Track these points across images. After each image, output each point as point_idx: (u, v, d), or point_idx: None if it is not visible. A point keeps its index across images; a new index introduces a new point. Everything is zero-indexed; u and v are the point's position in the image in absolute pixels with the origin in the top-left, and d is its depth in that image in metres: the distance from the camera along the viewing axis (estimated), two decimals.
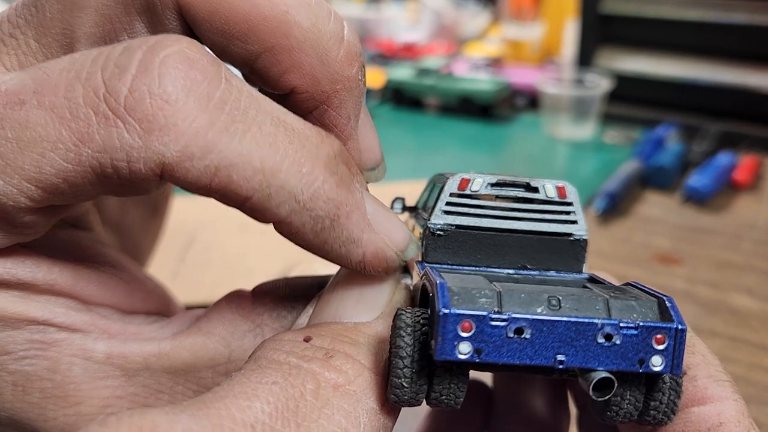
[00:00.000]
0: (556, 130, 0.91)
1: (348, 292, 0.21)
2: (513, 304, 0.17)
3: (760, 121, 0.85)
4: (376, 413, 0.18)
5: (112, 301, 0.22)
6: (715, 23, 0.87)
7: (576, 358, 0.17)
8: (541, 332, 0.17)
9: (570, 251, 0.23)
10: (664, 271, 0.57)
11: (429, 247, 0.22)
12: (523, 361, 0.17)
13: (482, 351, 0.16)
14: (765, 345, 0.47)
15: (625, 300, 0.18)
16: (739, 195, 0.73)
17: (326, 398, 0.17)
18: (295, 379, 0.17)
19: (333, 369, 0.17)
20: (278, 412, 0.16)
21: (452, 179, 0.22)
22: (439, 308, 0.16)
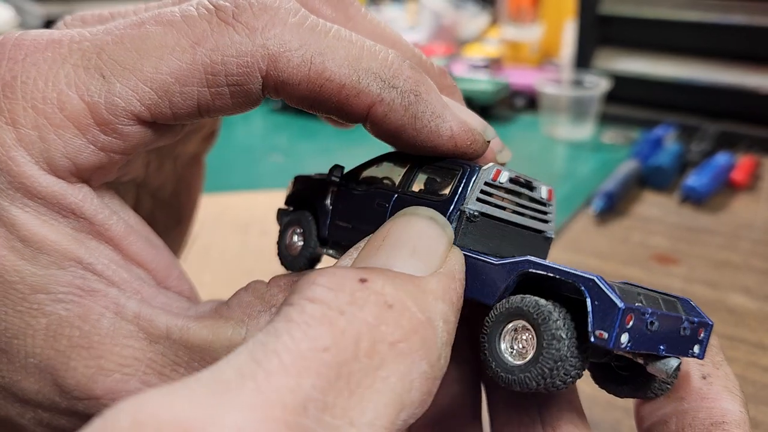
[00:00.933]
0: (554, 130, 0.91)
1: (402, 241, 0.20)
2: (640, 302, 0.19)
3: (758, 122, 0.86)
4: (426, 378, 0.17)
5: (152, 266, 0.23)
6: (713, 24, 0.87)
7: (669, 347, 0.20)
8: (661, 325, 0.19)
9: (541, 246, 0.25)
10: (662, 270, 0.57)
11: (459, 230, 0.22)
12: (649, 349, 0.19)
13: (631, 341, 0.18)
14: (762, 344, 0.47)
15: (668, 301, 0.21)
16: (736, 195, 0.73)
17: (382, 358, 0.16)
18: (348, 338, 0.16)
19: (390, 322, 0.16)
20: (330, 384, 0.15)
21: (486, 169, 0.23)
22: (618, 303, 0.18)
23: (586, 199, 0.70)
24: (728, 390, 0.21)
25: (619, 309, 0.18)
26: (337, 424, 0.14)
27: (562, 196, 0.71)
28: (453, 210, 0.22)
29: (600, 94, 0.88)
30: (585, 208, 0.69)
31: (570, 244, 0.62)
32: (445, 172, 0.23)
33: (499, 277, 0.20)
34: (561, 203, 0.70)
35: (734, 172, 0.74)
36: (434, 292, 0.18)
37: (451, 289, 0.19)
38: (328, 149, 0.85)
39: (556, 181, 0.76)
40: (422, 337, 0.17)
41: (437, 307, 0.18)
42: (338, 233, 0.25)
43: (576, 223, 0.66)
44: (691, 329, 0.20)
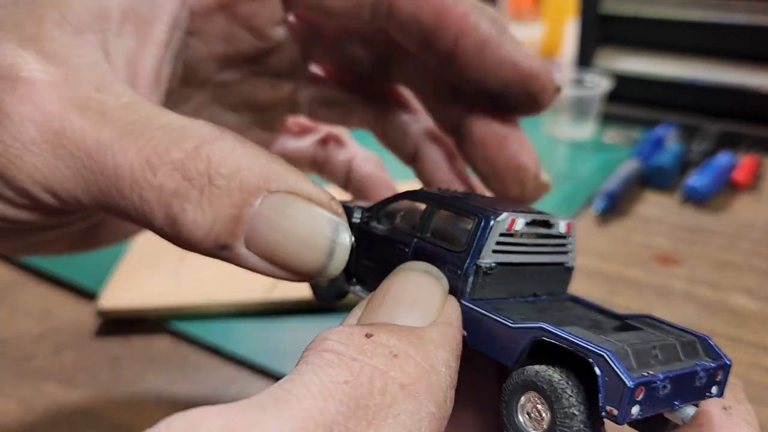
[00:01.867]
0: (555, 129, 0.91)
1: (400, 296, 0.21)
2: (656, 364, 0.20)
3: (759, 121, 0.85)
4: (434, 418, 0.18)
5: None
6: (714, 23, 0.87)
7: (683, 399, 0.20)
8: (674, 386, 0.19)
9: (562, 277, 0.26)
10: (663, 271, 0.57)
11: (477, 284, 0.23)
12: (662, 409, 0.20)
13: (642, 410, 0.19)
14: (764, 345, 0.47)
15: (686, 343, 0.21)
16: (738, 195, 0.73)
17: (393, 397, 0.17)
18: (363, 376, 0.17)
19: (397, 368, 0.18)
20: (351, 412, 0.17)
21: (501, 220, 0.23)
22: (627, 382, 0.18)
23: (587, 199, 0.70)
24: (747, 423, 0.21)
25: (628, 387, 0.18)
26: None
27: (563, 196, 0.71)
28: (469, 264, 0.23)
29: (601, 94, 0.88)
30: (586, 207, 0.69)
31: None
32: (462, 218, 0.23)
33: (514, 340, 0.21)
34: (562, 203, 0.69)
35: (736, 172, 0.74)
36: (434, 341, 0.20)
37: (449, 336, 0.20)
38: None
39: (558, 181, 0.75)
40: (428, 382, 0.18)
41: (438, 354, 0.19)
42: (364, 271, 0.26)
43: (577, 223, 0.66)
44: (707, 376, 0.21)
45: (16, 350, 0.48)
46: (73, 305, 0.54)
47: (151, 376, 0.46)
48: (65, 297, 0.55)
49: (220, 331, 0.49)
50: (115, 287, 0.51)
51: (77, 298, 0.54)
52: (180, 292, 0.51)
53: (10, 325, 0.51)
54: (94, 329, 0.51)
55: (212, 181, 0.20)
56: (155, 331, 0.50)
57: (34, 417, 0.42)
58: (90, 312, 0.52)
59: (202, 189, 0.20)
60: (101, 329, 0.51)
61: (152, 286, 0.51)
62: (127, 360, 0.47)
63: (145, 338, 0.49)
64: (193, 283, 0.52)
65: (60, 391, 0.44)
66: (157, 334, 0.50)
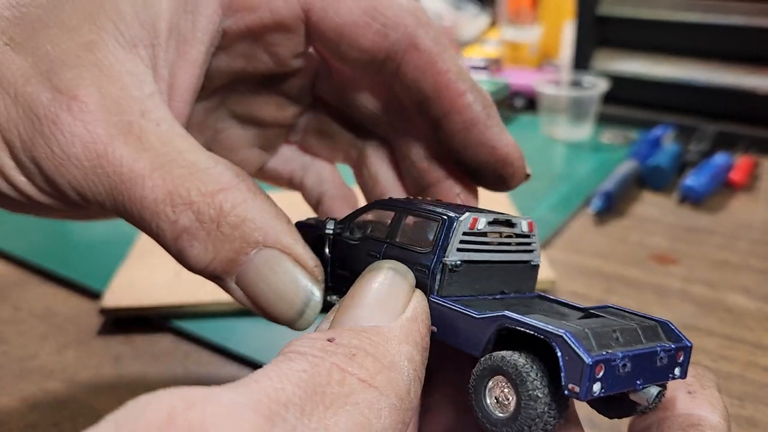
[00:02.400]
0: (553, 130, 0.92)
1: (367, 297, 0.22)
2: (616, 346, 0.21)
3: (756, 122, 0.86)
4: (396, 408, 0.19)
5: None
6: (711, 25, 0.88)
7: (646, 379, 0.21)
8: (634, 365, 0.20)
9: (528, 275, 0.27)
10: (660, 270, 0.57)
11: (444, 282, 0.24)
12: (624, 388, 0.21)
13: (604, 388, 0.20)
14: (761, 344, 0.47)
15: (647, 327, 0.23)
16: (735, 195, 0.73)
17: (351, 388, 0.18)
18: (322, 368, 0.18)
19: (356, 365, 0.19)
20: (308, 396, 0.17)
21: (464, 219, 0.24)
22: (585, 359, 0.19)
23: (585, 199, 0.70)
24: (711, 404, 0.22)
25: (586, 364, 0.19)
26: (314, 426, 0.17)
27: (560, 196, 0.72)
28: (436, 262, 0.24)
29: (599, 95, 0.88)
30: (584, 208, 0.69)
31: (569, 244, 0.62)
32: (427, 222, 0.25)
33: (480, 330, 0.22)
34: (560, 203, 0.70)
35: (732, 172, 0.75)
36: (397, 337, 0.20)
37: (414, 331, 0.21)
38: None
39: (555, 181, 0.76)
40: (387, 377, 0.19)
41: (401, 349, 0.20)
42: (340, 281, 0.27)
43: (575, 222, 0.67)
44: (668, 357, 0.22)
45: (19, 349, 0.49)
46: (76, 304, 0.54)
47: (154, 374, 0.46)
48: (68, 296, 0.55)
49: (223, 330, 0.49)
50: (118, 286, 0.52)
51: (80, 297, 0.55)
52: (182, 291, 0.51)
53: (14, 323, 0.52)
54: (96, 328, 0.51)
55: (219, 227, 0.24)
56: (158, 329, 0.50)
57: (38, 415, 0.42)
58: (93, 311, 0.52)
59: (210, 231, 0.24)
60: (104, 328, 0.51)
61: (155, 284, 0.52)
62: (129, 358, 0.48)
63: (148, 337, 0.50)
64: (195, 282, 0.52)
65: (63, 390, 0.45)
66: (160, 332, 0.50)
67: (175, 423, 0.15)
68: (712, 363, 0.45)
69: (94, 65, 0.24)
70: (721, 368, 0.45)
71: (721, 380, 0.43)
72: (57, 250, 0.61)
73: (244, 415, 0.16)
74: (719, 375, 0.44)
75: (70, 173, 0.24)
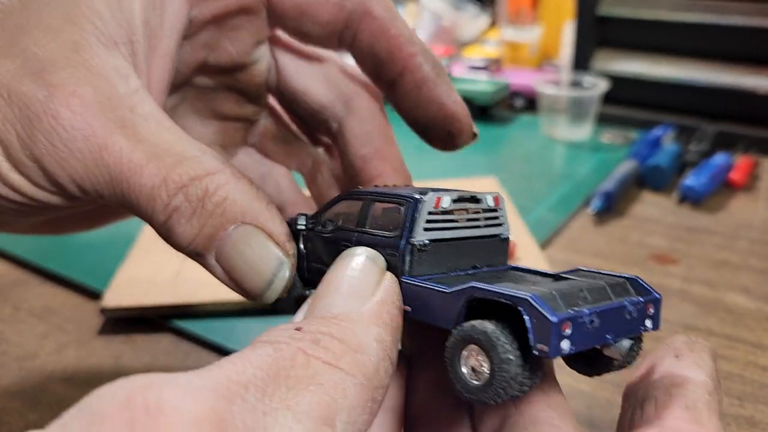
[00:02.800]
0: (553, 130, 0.92)
1: (337, 284, 0.22)
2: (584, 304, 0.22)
3: (755, 122, 0.86)
4: (363, 387, 0.19)
5: None
6: (711, 25, 0.88)
7: (616, 333, 0.22)
8: (602, 320, 0.21)
9: (499, 248, 0.28)
10: (660, 270, 0.57)
11: (414, 262, 0.25)
12: (595, 344, 0.21)
13: (574, 345, 0.20)
14: (761, 343, 0.47)
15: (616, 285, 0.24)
16: (735, 195, 0.73)
17: (316, 370, 0.18)
18: (286, 353, 0.18)
19: (321, 350, 0.19)
20: (270, 378, 0.17)
21: (427, 199, 0.25)
22: (550, 318, 0.20)
23: (585, 199, 0.70)
24: (697, 365, 0.23)
25: (552, 323, 0.20)
26: (275, 407, 0.17)
27: (560, 196, 0.72)
28: (405, 244, 0.25)
29: (598, 95, 0.88)
30: (583, 208, 0.69)
31: (568, 244, 0.62)
32: (394, 207, 0.26)
33: (451, 304, 0.23)
34: (559, 203, 0.70)
35: (732, 172, 0.75)
36: (366, 320, 0.21)
37: (383, 312, 0.22)
38: None
39: (555, 181, 0.76)
40: (353, 358, 0.19)
41: (370, 331, 0.20)
42: (316, 275, 0.27)
43: (574, 222, 0.67)
44: (637, 310, 0.23)
45: (19, 349, 0.49)
46: (76, 304, 0.54)
47: None
48: (68, 296, 0.55)
49: (223, 330, 0.49)
50: (118, 286, 0.52)
51: (80, 297, 0.55)
52: (182, 291, 0.51)
53: (14, 323, 0.52)
54: (97, 328, 0.51)
55: (204, 205, 0.26)
56: (158, 329, 0.50)
57: (38, 415, 0.42)
58: (93, 311, 0.52)
59: (195, 210, 0.26)
60: (104, 328, 0.51)
61: (155, 284, 0.52)
62: (129, 358, 0.48)
63: (148, 337, 0.50)
64: (195, 282, 0.52)
65: (63, 389, 0.45)
66: (160, 332, 0.50)
67: (132, 406, 0.15)
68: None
69: (82, 65, 0.25)
70: (721, 368, 0.45)
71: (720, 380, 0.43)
72: (57, 250, 0.61)
73: (201, 395, 0.16)
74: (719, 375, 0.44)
75: (71, 166, 0.25)
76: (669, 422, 0.20)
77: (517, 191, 0.71)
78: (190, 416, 0.15)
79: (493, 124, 0.98)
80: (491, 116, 1.00)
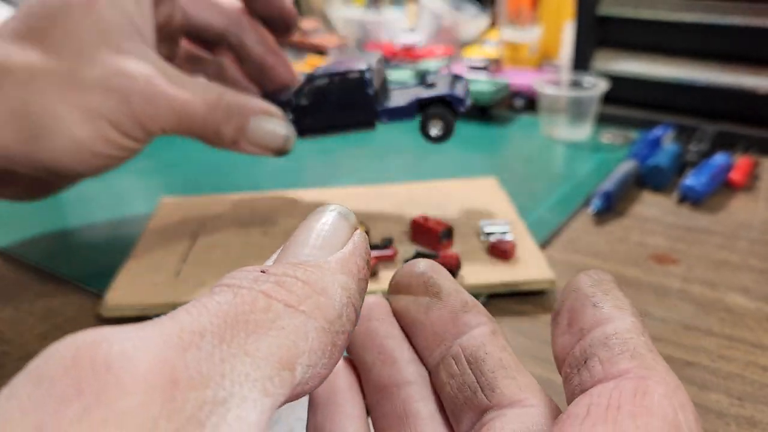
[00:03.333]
0: (553, 130, 0.92)
1: (307, 237, 0.22)
2: None
3: (755, 122, 0.86)
4: (325, 331, 0.19)
5: None
6: (711, 25, 0.88)
7: None
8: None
9: None
10: (660, 270, 0.58)
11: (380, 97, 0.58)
12: None
13: None
14: (761, 343, 0.47)
15: None
16: (735, 195, 0.73)
17: (277, 314, 0.18)
18: (246, 297, 0.18)
19: (284, 292, 0.19)
20: (227, 325, 0.17)
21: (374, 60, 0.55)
22: None
23: (585, 199, 0.70)
24: (618, 308, 0.22)
25: None
26: (234, 352, 0.16)
27: (560, 197, 0.72)
28: (372, 91, 0.52)
29: (598, 95, 0.88)
30: (583, 208, 0.69)
31: (568, 244, 0.62)
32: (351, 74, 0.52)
33: (413, 106, 0.53)
34: (559, 203, 0.70)
35: (732, 172, 0.75)
36: (331, 269, 0.21)
37: (351, 263, 0.21)
38: (328, 149, 0.85)
39: (555, 181, 0.76)
40: (315, 301, 0.19)
41: (336, 278, 0.20)
42: (308, 123, 0.55)
43: (574, 223, 0.67)
44: None
45: (19, 349, 0.49)
46: (76, 305, 0.54)
47: None
48: (69, 297, 0.55)
49: None
50: (119, 287, 0.52)
51: (81, 298, 0.55)
52: (182, 292, 0.51)
53: (14, 324, 0.52)
54: None
55: (230, 111, 0.46)
56: None
57: None
58: (93, 311, 0.52)
59: (228, 116, 0.46)
60: None
61: (156, 284, 0.52)
62: None
63: None
64: (195, 282, 0.52)
65: None
66: None
67: (78, 365, 0.14)
68: (711, 363, 0.45)
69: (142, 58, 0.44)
70: (721, 368, 0.45)
71: (720, 380, 0.43)
72: (57, 250, 0.61)
73: (151, 346, 0.15)
74: (719, 375, 0.44)
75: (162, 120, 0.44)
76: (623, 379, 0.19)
77: (516, 191, 0.71)
78: (138, 369, 0.14)
79: (493, 124, 0.98)
80: (491, 116, 1.00)
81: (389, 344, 0.26)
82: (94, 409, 0.14)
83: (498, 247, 0.54)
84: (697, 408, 0.41)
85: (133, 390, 0.14)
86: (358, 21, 1.42)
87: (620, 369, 0.20)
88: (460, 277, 0.51)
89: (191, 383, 0.15)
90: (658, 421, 0.18)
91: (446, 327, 0.26)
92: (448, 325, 0.26)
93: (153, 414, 0.14)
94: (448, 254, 0.51)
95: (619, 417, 0.18)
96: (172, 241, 0.57)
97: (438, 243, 0.54)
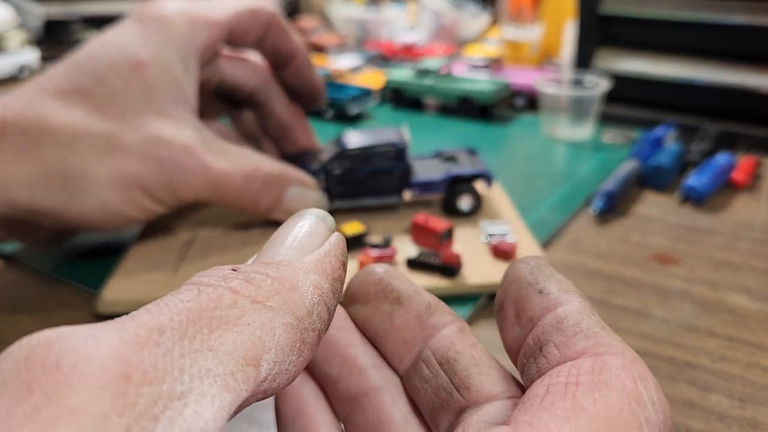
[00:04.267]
0: (554, 130, 0.91)
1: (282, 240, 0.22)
2: None
3: (758, 122, 0.86)
4: (293, 328, 0.18)
5: None
6: (713, 24, 0.87)
7: None
8: None
9: None
10: (662, 270, 0.57)
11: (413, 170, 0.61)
12: None
13: None
14: (762, 345, 0.47)
15: None
16: (737, 195, 0.73)
17: (243, 310, 0.18)
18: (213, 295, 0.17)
19: (252, 288, 0.18)
20: (189, 321, 0.16)
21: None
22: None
23: (586, 199, 0.70)
24: (564, 291, 0.22)
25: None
26: (196, 347, 0.16)
27: (561, 196, 0.71)
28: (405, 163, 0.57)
29: (600, 94, 0.88)
30: (585, 208, 0.69)
31: (570, 244, 0.62)
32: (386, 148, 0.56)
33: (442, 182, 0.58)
34: (560, 203, 0.70)
35: (734, 172, 0.74)
36: (304, 268, 0.20)
37: (326, 263, 0.21)
38: None
39: (556, 181, 0.76)
40: (284, 297, 0.19)
41: (308, 276, 0.20)
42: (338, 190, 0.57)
43: (575, 223, 0.66)
44: None
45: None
46: (72, 305, 0.54)
47: None
48: (65, 297, 0.55)
49: None
50: (115, 287, 0.51)
51: (77, 299, 0.54)
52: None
53: (10, 325, 0.52)
54: None
55: (268, 182, 0.48)
56: None
57: None
58: (89, 312, 0.52)
59: (265, 188, 0.48)
60: None
61: (152, 286, 0.51)
62: None
63: None
64: None
65: None
66: None
67: (30, 367, 0.14)
68: (712, 364, 0.45)
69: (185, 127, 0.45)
70: (722, 369, 0.44)
71: (721, 381, 0.43)
72: (55, 250, 0.61)
73: (105, 344, 0.15)
74: (720, 376, 0.44)
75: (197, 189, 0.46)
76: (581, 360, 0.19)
77: (517, 191, 0.71)
78: (90, 366, 0.14)
79: (493, 124, 0.98)
80: (492, 116, 1.00)
81: (352, 352, 0.26)
82: (43, 407, 0.13)
83: (499, 247, 0.53)
84: (698, 410, 0.40)
85: (83, 387, 0.14)
86: (359, 19, 1.42)
87: (577, 350, 0.20)
88: (461, 276, 0.51)
89: (145, 378, 0.14)
90: (617, 394, 0.18)
91: (414, 332, 0.25)
92: (416, 329, 0.25)
93: (104, 410, 0.14)
94: (449, 254, 0.51)
95: (578, 393, 0.18)
96: (170, 241, 0.57)
97: (439, 243, 0.54)
